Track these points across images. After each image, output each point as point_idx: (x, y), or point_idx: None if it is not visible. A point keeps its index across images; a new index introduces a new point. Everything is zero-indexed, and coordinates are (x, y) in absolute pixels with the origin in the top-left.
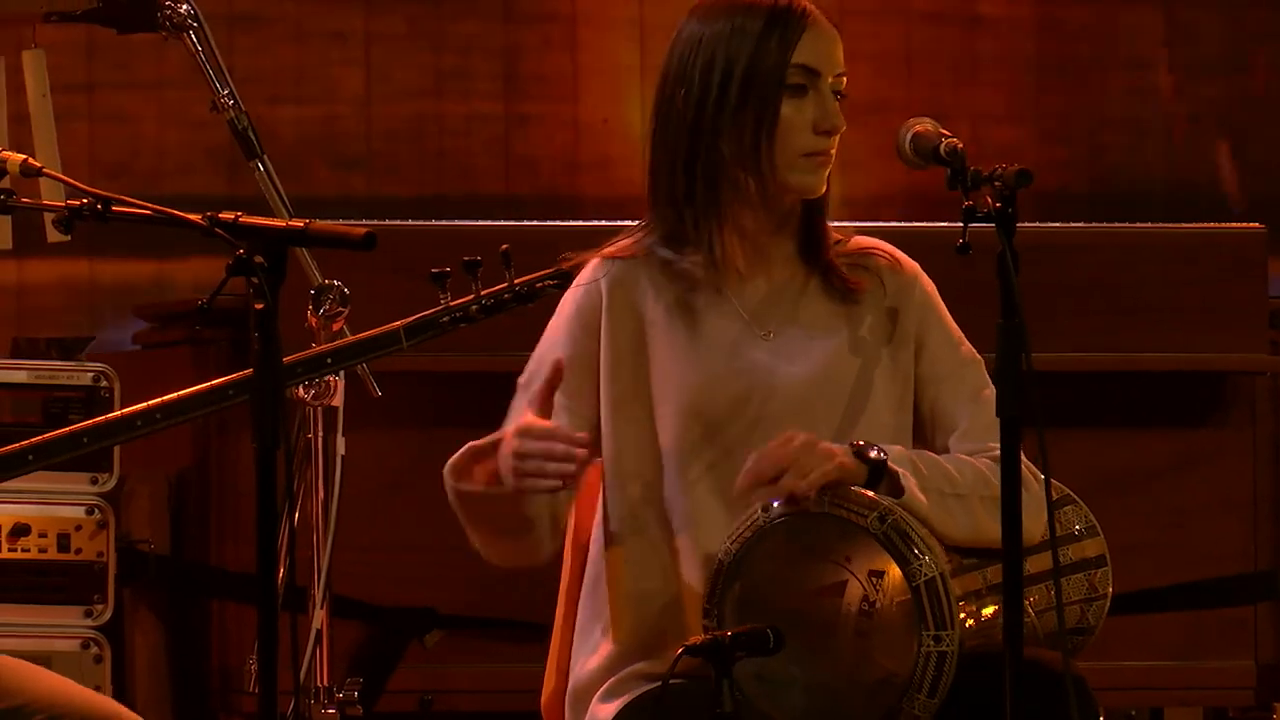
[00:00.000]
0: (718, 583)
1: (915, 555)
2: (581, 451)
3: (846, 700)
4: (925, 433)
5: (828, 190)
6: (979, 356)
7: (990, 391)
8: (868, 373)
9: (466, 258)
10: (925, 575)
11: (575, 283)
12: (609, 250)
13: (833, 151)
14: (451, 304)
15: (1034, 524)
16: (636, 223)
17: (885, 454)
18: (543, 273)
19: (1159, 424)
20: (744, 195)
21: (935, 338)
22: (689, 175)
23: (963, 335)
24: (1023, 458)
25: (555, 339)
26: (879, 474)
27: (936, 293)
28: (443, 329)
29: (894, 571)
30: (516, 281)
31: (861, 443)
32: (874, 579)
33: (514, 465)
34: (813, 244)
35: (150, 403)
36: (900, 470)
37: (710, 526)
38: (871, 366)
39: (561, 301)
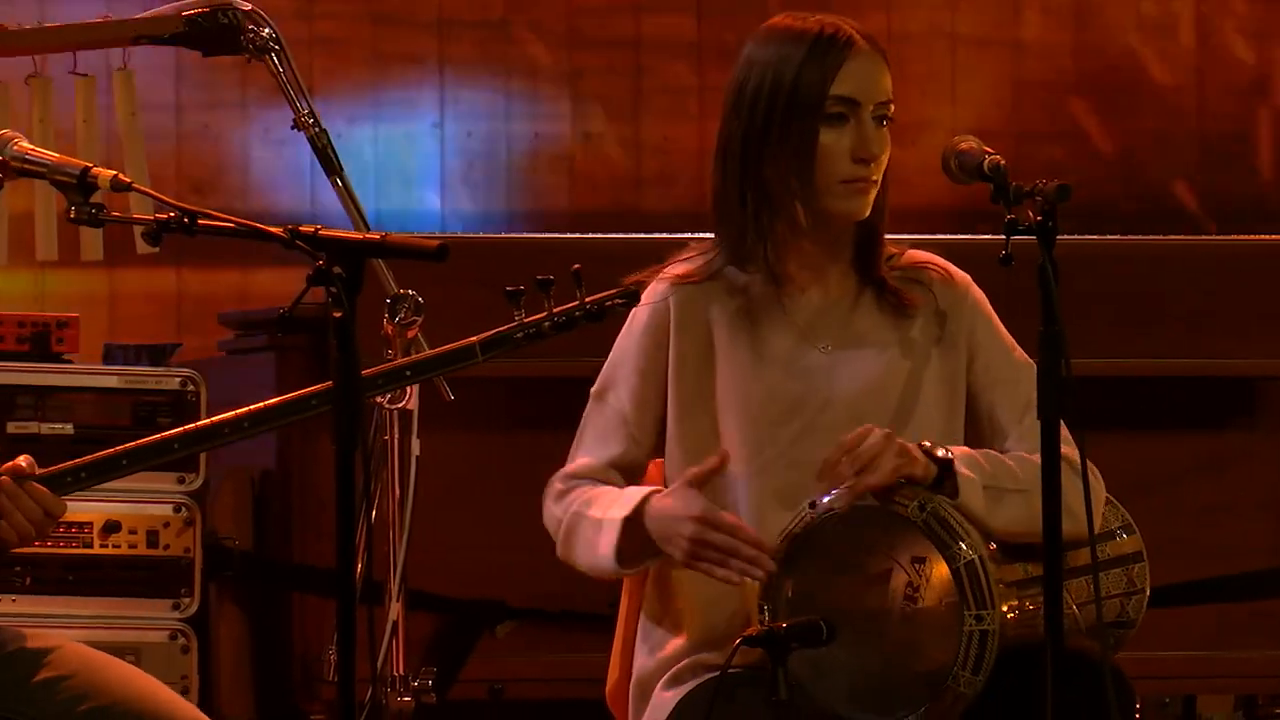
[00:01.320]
0: (773, 576)
1: (954, 540)
2: (769, 564)
3: (895, 683)
4: (982, 434)
5: (884, 206)
6: (1031, 361)
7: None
8: (917, 377)
9: (540, 276)
10: (965, 558)
11: (644, 299)
12: (675, 268)
13: (875, 177)
14: (525, 320)
15: (1076, 519)
16: (696, 235)
17: (951, 454)
18: (612, 292)
19: (1191, 427)
20: (793, 218)
21: (988, 345)
22: (743, 199)
23: (1015, 342)
24: (1087, 460)
25: (627, 351)
26: (944, 474)
27: (988, 302)
28: (516, 344)
29: (935, 556)
30: (587, 300)
31: (928, 444)
32: (916, 565)
33: (691, 549)
34: (866, 260)
35: (238, 411)
36: (962, 471)
37: (769, 525)
38: (920, 371)
39: (632, 315)
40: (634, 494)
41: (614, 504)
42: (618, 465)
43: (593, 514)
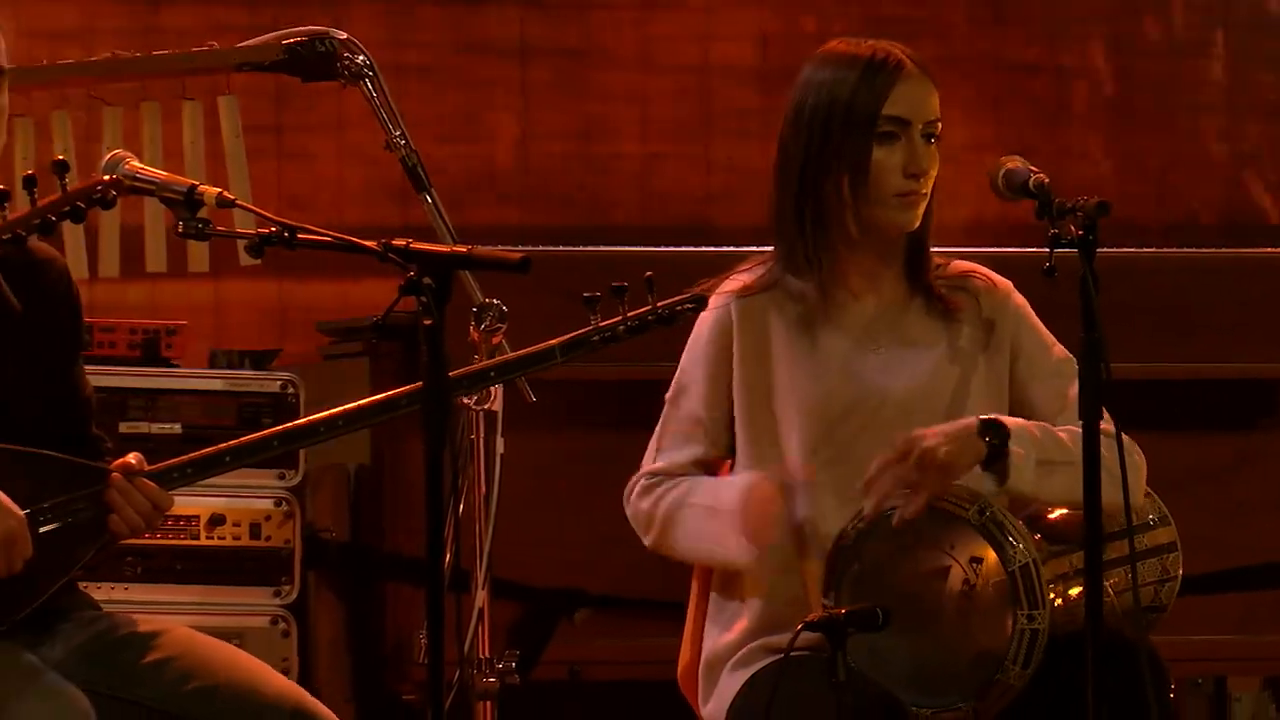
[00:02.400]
0: (836, 566)
1: (1011, 543)
2: None
3: (948, 671)
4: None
5: (930, 219)
6: (1071, 355)
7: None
8: (965, 379)
9: (614, 283)
10: (1019, 561)
11: (710, 306)
12: (737, 277)
13: (924, 190)
14: (601, 324)
15: (1134, 491)
16: (761, 248)
17: (1009, 430)
18: (680, 297)
19: (1220, 427)
20: (848, 230)
21: (1030, 342)
22: (801, 212)
23: (1054, 339)
24: (1126, 439)
25: (695, 359)
26: (996, 453)
27: (1028, 305)
28: (593, 347)
29: (991, 558)
30: (658, 305)
31: (987, 420)
32: (974, 564)
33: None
34: (916, 268)
35: (333, 411)
36: (1014, 450)
37: (828, 517)
38: (969, 374)
39: (698, 323)
40: (734, 487)
41: (721, 495)
42: (698, 463)
43: (700, 501)
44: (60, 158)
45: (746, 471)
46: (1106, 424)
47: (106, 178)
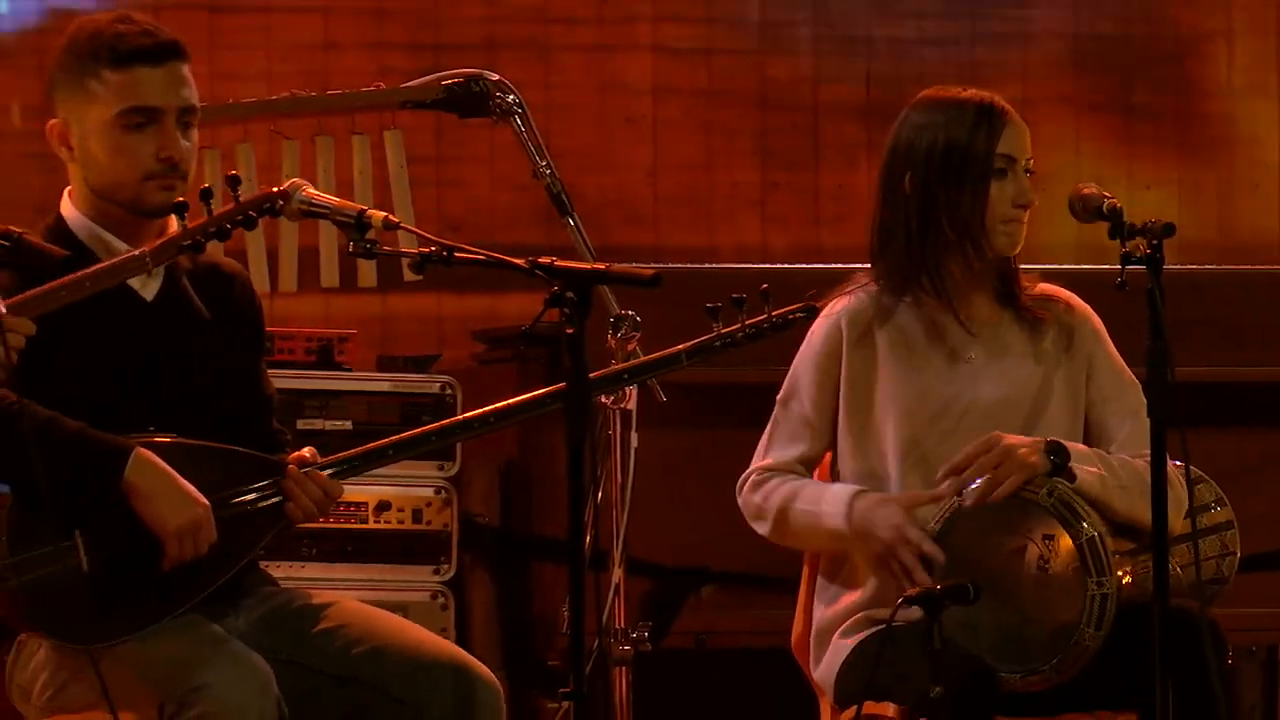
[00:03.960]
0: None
1: (1078, 520)
2: (927, 581)
3: (1030, 637)
4: (1092, 437)
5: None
6: (1136, 380)
7: (1144, 409)
8: (1046, 390)
9: (734, 295)
10: (1087, 535)
11: (821, 316)
12: (846, 292)
13: (1025, 218)
14: (722, 331)
15: (1174, 518)
16: (863, 266)
17: (1068, 455)
18: (793, 307)
19: (1271, 424)
20: (955, 252)
21: (1102, 365)
22: (910, 237)
23: (1124, 363)
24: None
25: (806, 365)
26: (1058, 470)
27: (1104, 328)
28: (715, 351)
29: (1062, 534)
30: (773, 314)
31: (1052, 441)
32: (1047, 541)
33: (883, 552)
34: (1007, 287)
35: (485, 409)
36: (1075, 468)
37: (919, 509)
38: (1049, 385)
39: (810, 332)
40: (839, 493)
41: (823, 500)
42: (803, 460)
43: (804, 506)
44: (234, 173)
45: (842, 485)
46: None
47: (274, 189)
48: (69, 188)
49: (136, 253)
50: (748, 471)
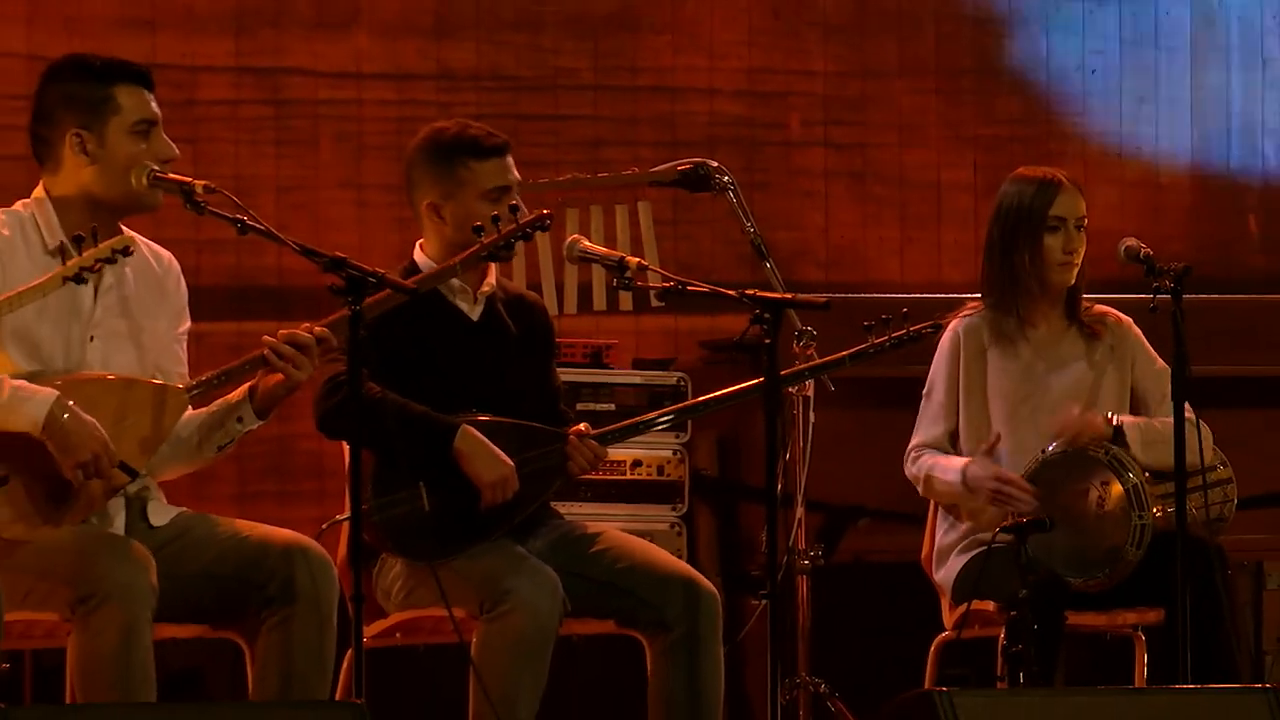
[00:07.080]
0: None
1: (1126, 471)
2: (1033, 503)
3: (1091, 556)
4: (1138, 408)
5: (1083, 276)
6: (1167, 367)
7: (1170, 390)
8: (1099, 381)
9: (883, 315)
10: (1133, 482)
11: (947, 330)
12: (963, 314)
13: (1076, 261)
14: (874, 342)
15: (1206, 446)
16: (974, 295)
17: (1123, 422)
18: (927, 324)
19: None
20: (1030, 285)
21: (1143, 360)
22: (1002, 274)
23: (1157, 355)
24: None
25: (939, 365)
26: (1118, 433)
27: (1142, 334)
28: (868, 356)
29: (1114, 480)
30: (910, 329)
31: (1111, 414)
32: (1103, 485)
33: (992, 495)
34: (1071, 308)
35: (705, 396)
36: (1128, 432)
37: (1012, 465)
38: (1101, 378)
39: (941, 342)
40: (957, 464)
41: (950, 470)
42: (944, 435)
43: (939, 475)
44: (514, 203)
45: (959, 459)
46: (1189, 412)
47: (541, 211)
48: (420, 240)
49: (449, 263)
50: (908, 449)
